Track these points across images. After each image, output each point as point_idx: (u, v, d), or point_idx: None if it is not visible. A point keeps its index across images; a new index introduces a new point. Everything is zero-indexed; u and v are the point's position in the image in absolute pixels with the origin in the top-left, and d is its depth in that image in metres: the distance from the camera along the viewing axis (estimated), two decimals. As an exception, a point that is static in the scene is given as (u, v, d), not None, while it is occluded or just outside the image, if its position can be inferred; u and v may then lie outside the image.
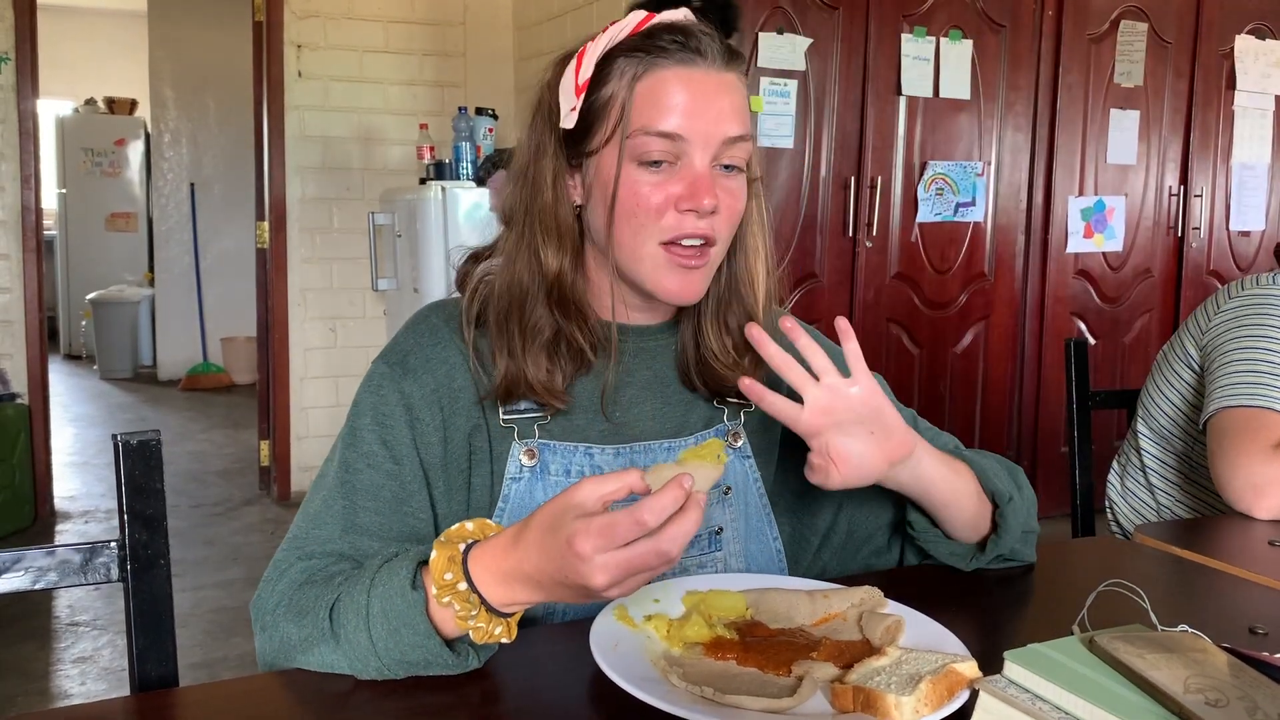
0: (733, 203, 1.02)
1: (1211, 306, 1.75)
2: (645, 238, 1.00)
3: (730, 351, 1.09)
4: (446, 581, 0.85)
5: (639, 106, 0.98)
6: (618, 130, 0.99)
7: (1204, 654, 0.82)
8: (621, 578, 0.79)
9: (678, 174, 0.99)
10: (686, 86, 0.98)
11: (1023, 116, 4.10)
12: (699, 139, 0.98)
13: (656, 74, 0.98)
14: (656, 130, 0.98)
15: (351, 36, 4.46)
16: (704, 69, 0.99)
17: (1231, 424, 1.52)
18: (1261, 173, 4.62)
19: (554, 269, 1.03)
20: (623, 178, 0.99)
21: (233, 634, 3.15)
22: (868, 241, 3.90)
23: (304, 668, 0.91)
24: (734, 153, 1.00)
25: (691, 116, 0.98)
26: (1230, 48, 4.44)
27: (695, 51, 0.98)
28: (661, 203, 0.99)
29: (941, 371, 4.13)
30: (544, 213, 1.03)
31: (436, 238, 3.67)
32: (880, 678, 0.81)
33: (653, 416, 1.11)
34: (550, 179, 1.03)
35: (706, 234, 1.00)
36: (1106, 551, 1.39)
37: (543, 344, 1.03)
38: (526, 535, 0.84)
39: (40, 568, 1.00)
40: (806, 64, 3.70)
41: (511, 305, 1.04)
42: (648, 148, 0.98)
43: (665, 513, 0.79)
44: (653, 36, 0.99)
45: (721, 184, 1.00)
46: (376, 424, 1.03)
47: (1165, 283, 4.49)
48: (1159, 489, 1.83)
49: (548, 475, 1.06)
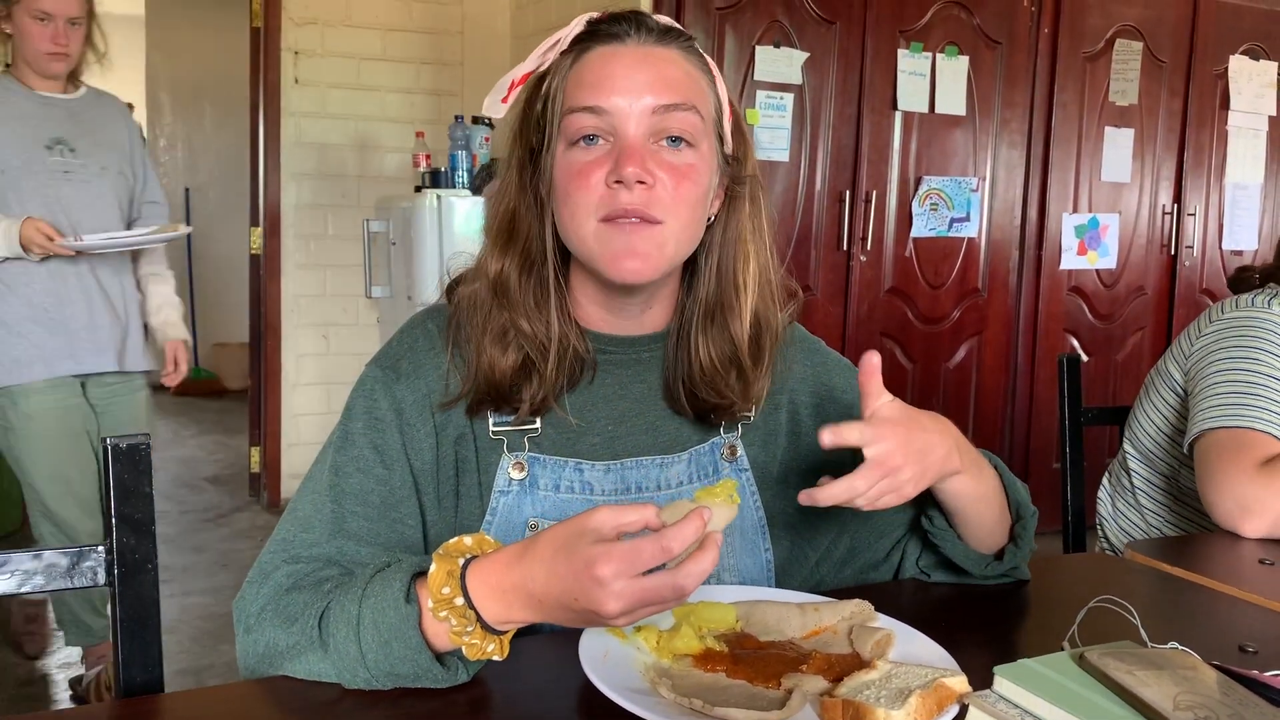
0: (676, 177, 0.97)
1: (1195, 331, 1.76)
2: (583, 216, 0.98)
3: (719, 367, 1.06)
4: (444, 596, 0.85)
5: (569, 91, 0.99)
6: (556, 120, 1.00)
7: (1194, 671, 0.81)
8: (634, 607, 0.79)
9: (610, 150, 0.97)
10: (609, 61, 0.99)
11: (1018, 133, 4.12)
12: (623, 110, 0.97)
13: (585, 57, 1.00)
14: (580, 106, 0.98)
15: (349, 44, 4.47)
16: (631, 45, 0.99)
17: (1216, 445, 1.53)
18: (1254, 192, 4.64)
19: (494, 271, 1.03)
20: (557, 160, 1.00)
21: (220, 641, 3.14)
22: (862, 255, 3.91)
23: (290, 675, 0.91)
24: (672, 123, 0.97)
25: (613, 88, 0.97)
26: (1224, 68, 4.47)
27: (622, 32, 0.99)
28: (595, 181, 0.97)
29: (934, 386, 4.13)
30: (501, 218, 1.04)
31: (431, 246, 3.67)
32: (870, 691, 0.81)
33: (646, 431, 1.09)
34: (514, 185, 1.04)
35: (640, 209, 0.96)
36: (1097, 568, 1.39)
37: (498, 334, 1.02)
38: (533, 554, 0.83)
39: (27, 570, 0.99)
40: (803, 78, 3.72)
41: (473, 309, 1.04)
42: (575, 125, 0.98)
43: (688, 543, 0.78)
44: (590, 26, 1.01)
45: (659, 156, 0.97)
46: (368, 428, 1.03)
47: (1158, 301, 4.51)
48: (1148, 510, 1.83)
49: (536, 490, 1.05)
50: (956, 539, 1.12)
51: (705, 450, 1.12)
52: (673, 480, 1.09)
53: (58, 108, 2.59)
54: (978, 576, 1.14)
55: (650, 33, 1.00)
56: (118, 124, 2.72)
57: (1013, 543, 1.13)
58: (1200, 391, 1.63)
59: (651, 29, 1.00)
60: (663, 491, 1.09)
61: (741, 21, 3.62)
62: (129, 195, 2.71)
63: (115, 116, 2.74)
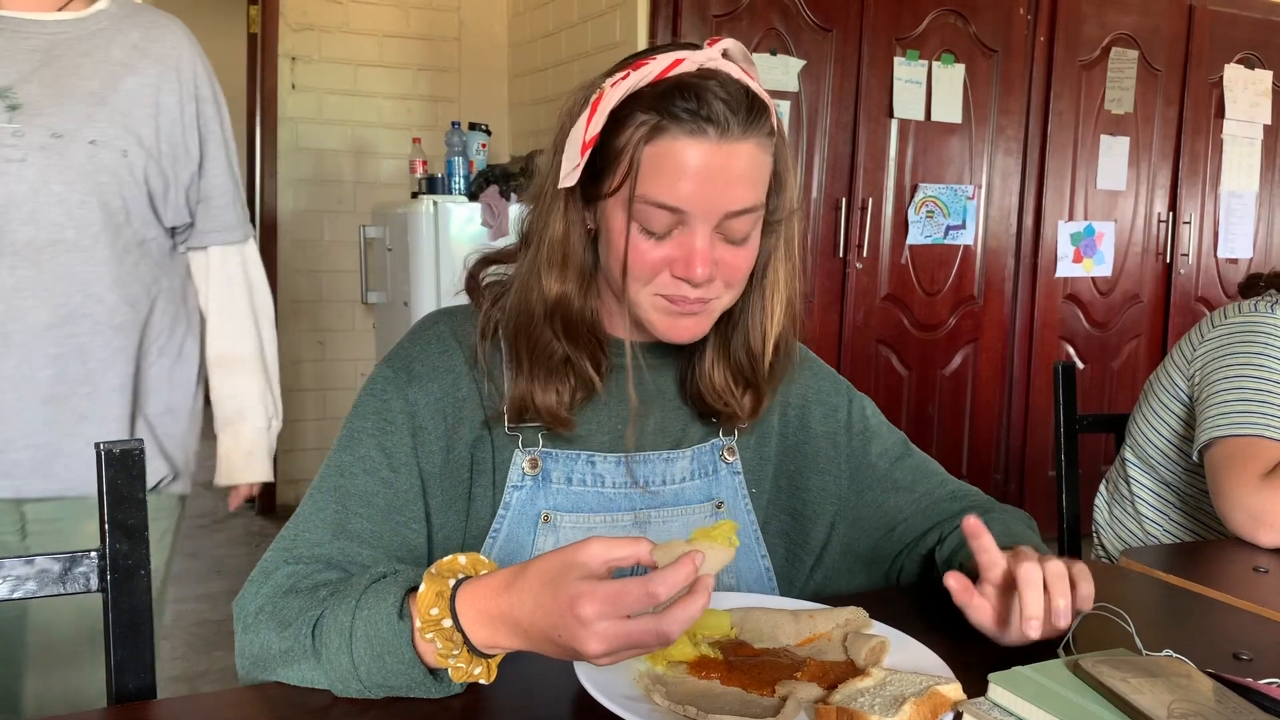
0: (732, 271, 1.01)
1: (1196, 336, 1.76)
2: (644, 291, 1.01)
3: (728, 381, 1.09)
4: (431, 617, 0.84)
5: (645, 172, 0.96)
6: (625, 184, 0.98)
7: (1188, 679, 0.81)
8: (616, 649, 0.78)
9: (677, 240, 0.98)
10: (692, 159, 0.95)
11: (1013, 141, 4.13)
12: (700, 212, 0.97)
13: (664, 141, 0.96)
14: (658, 201, 0.96)
15: (346, 50, 4.47)
16: (713, 140, 0.95)
17: (1225, 455, 1.54)
18: (1249, 201, 4.65)
19: (555, 294, 1.02)
20: (630, 239, 0.99)
21: (214, 647, 3.13)
22: (858, 263, 3.91)
23: (284, 681, 0.90)
24: (737, 225, 0.99)
25: (694, 191, 0.96)
26: (1220, 76, 4.48)
27: (707, 120, 0.95)
28: (658, 263, 0.99)
29: (930, 393, 4.14)
30: (552, 241, 1.02)
31: (427, 252, 3.67)
32: (864, 699, 0.80)
33: (654, 430, 1.11)
34: (563, 209, 1.02)
35: (700, 299, 1.00)
36: (1092, 575, 1.39)
37: (551, 368, 1.03)
38: (522, 583, 0.82)
39: (19, 576, 0.99)
40: (799, 85, 3.72)
41: (519, 328, 1.04)
42: (650, 217, 0.97)
43: (676, 588, 0.77)
44: (667, 97, 0.95)
45: (720, 253, 0.99)
46: (377, 429, 1.03)
47: (1154, 309, 4.51)
48: (1147, 518, 1.83)
49: (549, 483, 1.06)
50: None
51: (706, 450, 1.14)
52: (676, 475, 1.11)
53: (29, 37, 1.49)
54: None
55: (733, 119, 0.95)
56: (140, 65, 1.54)
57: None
58: (1207, 399, 1.63)
59: (734, 112, 0.95)
60: (668, 486, 1.11)
61: (738, 29, 3.62)
62: (142, 192, 1.53)
63: (141, 52, 1.55)
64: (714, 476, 1.13)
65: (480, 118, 4.31)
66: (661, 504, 1.10)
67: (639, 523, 1.09)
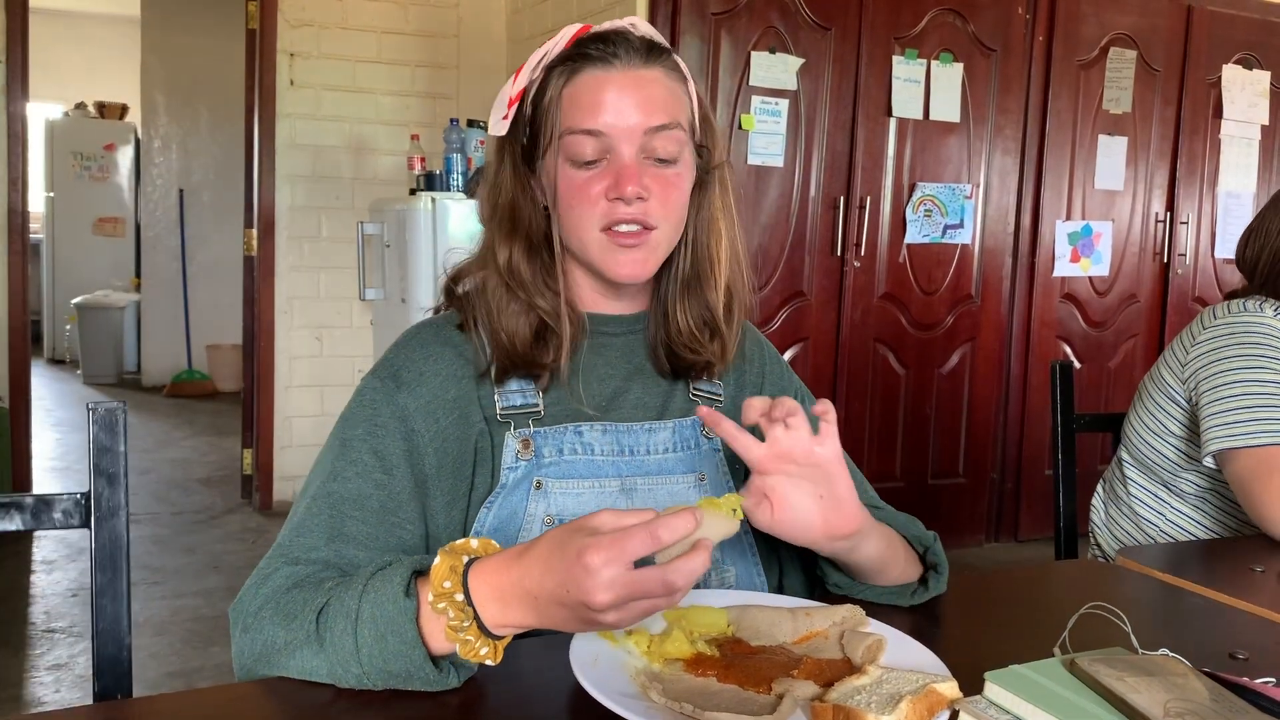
0: (666, 189, 1.08)
1: (1188, 338, 1.76)
2: (587, 225, 1.08)
3: (695, 332, 1.15)
4: (444, 589, 0.85)
5: (566, 109, 1.07)
6: (554, 134, 1.08)
7: (1184, 678, 0.82)
8: (623, 600, 0.79)
9: (608, 167, 1.07)
10: (604, 86, 1.06)
11: (1012, 140, 4.13)
12: (619, 134, 1.06)
13: (580, 79, 1.07)
14: (581, 129, 1.06)
15: (345, 46, 4.47)
16: (621, 68, 1.07)
17: (1251, 467, 1.56)
18: (1247, 201, 4.66)
19: (504, 259, 1.10)
20: (560, 176, 1.08)
21: (211, 643, 3.13)
22: (856, 261, 3.91)
23: (283, 674, 0.90)
24: (660, 143, 1.07)
25: (609, 112, 1.06)
26: (1218, 76, 4.49)
27: (611, 54, 1.07)
28: (596, 194, 1.07)
29: (927, 392, 4.14)
30: (503, 209, 1.12)
31: (425, 248, 3.67)
32: (861, 697, 0.81)
33: (635, 404, 1.16)
34: (510, 180, 1.11)
35: (638, 218, 1.07)
36: (1089, 574, 1.39)
37: (512, 314, 1.09)
38: (531, 552, 0.84)
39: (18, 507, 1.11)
40: (798, 84, 3.72)
41: (491, 293, 1.11)
42: (577, 147, 1.07)
43: (678, 533, 0.80)
44: (580, 46, 1.08)
45: (651, 173, 1.07)
46: (369, 434, 1.05)
47: (1151, 308, 4.52)
48: (1144, 519, 1.83)
49: (541, 457, 1.09)
50: (866, 588, 1.12)
51: (687, 425, 1.17)
52: (659, 446, 1.15)
53: None
54: (904, 605, 1.13)
55: (636, 53, 1.08)
56: None
57: (933, 570, 1.13)
58: (1212, 403, 1.63)
59: (637, 48, 1.08)
60: (652, 456, 1.14)
61: (737, 27, 3.62)
62: None
63: None
64: (695, 451, 1.17)
65: (479, 114, 4.31)
66: (646, 471, 1.13)
67: (625, 489, 1.12)
